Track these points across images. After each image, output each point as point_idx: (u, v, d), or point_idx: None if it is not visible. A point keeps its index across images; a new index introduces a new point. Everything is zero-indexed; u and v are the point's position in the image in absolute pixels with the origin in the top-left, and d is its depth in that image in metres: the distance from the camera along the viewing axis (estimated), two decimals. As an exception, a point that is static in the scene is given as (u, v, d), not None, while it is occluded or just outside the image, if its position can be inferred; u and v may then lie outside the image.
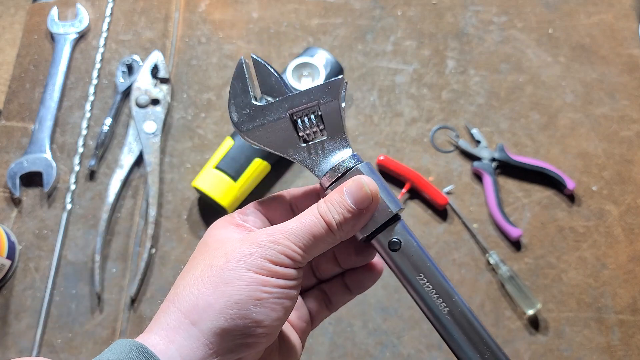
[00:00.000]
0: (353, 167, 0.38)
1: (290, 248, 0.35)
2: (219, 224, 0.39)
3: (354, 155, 0.39)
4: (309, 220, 0.36)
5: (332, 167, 0.38)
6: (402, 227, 0.38)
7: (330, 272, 0.42)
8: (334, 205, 0.36)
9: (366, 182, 0.37)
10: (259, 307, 0.33)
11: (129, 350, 0.32)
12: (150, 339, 0.33)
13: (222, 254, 0.35)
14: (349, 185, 0.37)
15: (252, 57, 0.40)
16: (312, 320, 0.43)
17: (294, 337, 0.41)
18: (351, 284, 0.42)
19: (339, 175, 0.38)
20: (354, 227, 0.37)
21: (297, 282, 0.36)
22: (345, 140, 0.39)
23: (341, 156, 0.39)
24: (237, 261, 0.34)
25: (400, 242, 0.38)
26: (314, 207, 0.37)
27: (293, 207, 0.41)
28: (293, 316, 0.41)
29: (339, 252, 0.41)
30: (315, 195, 0.41)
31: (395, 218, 0.38)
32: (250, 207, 0.40)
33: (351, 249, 0.41)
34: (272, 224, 0.40)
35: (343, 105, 0.39)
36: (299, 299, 0.42)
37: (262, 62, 0.40)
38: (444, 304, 0.37)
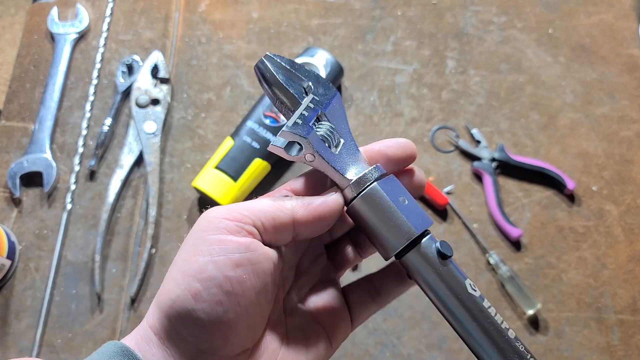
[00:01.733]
0: (379, 177, 0.35)
1: (240, 212, 0.33)
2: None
3: (377, 167, 0.36)
4: (270, 200, 0.35)
5: (359, 178, 0.35)
6: (434, 240, 0.35)
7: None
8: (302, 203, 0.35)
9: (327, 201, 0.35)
10: (200, 303, 0.31)
11: (114, 353, 0.32)
12: (126, 342, 0.33)
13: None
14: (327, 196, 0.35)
15: (268, 55, 0.38)
16: (354, 319, 0.39)
17: (314, 339, 0.37)
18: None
19: (381, 175, 0.36)
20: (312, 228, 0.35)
21: (255, 261, 0.32)
22: (359, 152, 0.37)
23: (363, 168, 0.36)
24: (186, 248, 0.33)
25: (451, 250, 0.34)
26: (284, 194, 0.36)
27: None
28: (324, 316, 0.37)
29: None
30: (318, 181, 0.38)
31: (426, 234, 0.35)
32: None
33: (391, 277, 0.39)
34: None
35: (342, 111, 0.38)
36: (338, 293, 0.38)
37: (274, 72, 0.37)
38: (483, 314, 0.34)
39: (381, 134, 0.82)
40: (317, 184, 0.37)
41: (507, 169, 0.79)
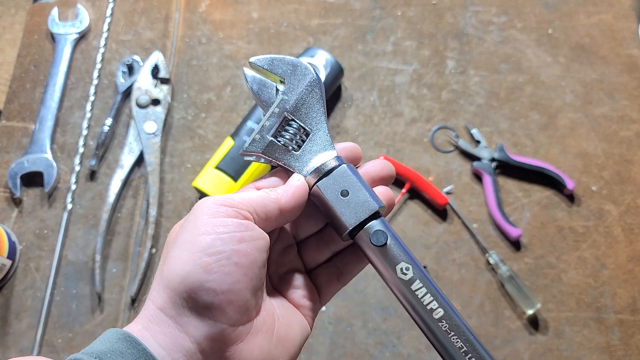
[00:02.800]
0: (334, 168, 0.40)
1: (234, 199, 0.37)
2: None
3: (337, 158, 0.40)
4: (258, 192, 0.39)
5: (315, 169, 0.40)
6: (383, 224, 0.39)
7: (342, 244, 0.43)
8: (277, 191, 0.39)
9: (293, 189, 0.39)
10: (210, 274, 0.34)
11: (116, 340, 0.33)
12: (131, 328, 0.35)
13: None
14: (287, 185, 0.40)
15: (251, 62, 0.42)
16: (322, 297, 0.43)
17: (296, 317, 0.40)
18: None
19: (322, 175, 0.40)
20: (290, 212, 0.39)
21: (249, 233, 0.36)
22: (328, 140, 0.41)
23: (325, 158, 0.40)
24: (186, 230, 0.37)
25: (387, 236, 0.38)
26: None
27: None
28: (297, 295, 0.41)
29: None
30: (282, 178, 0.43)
31: (376, 216, 0.39)
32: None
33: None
34: None
35: (319, 95, 0.41)
36: (304, 278, 0.42)
37: (260, 68, 0.42)
38: (434, 302, 0.38)
39: (381, 134, 0.82)
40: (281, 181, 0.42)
41: (507, 169, 0.79)
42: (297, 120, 0.41)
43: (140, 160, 0.80)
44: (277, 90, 0.42)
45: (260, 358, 0.36)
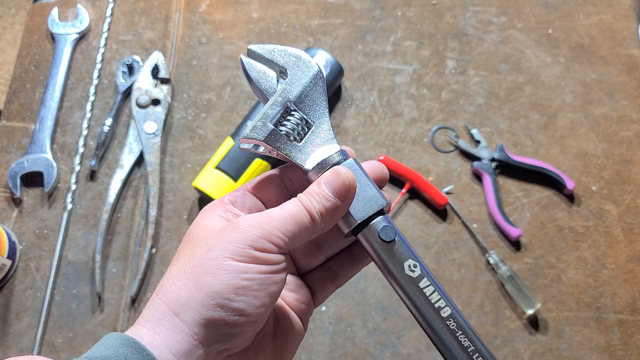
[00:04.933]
0: (339, 162, 0.39)
1: (273, 233, 0.34)
2: (205, 211, 0.39)
3: (341, 152, 0.39)
4: (292, 208, 0.36)
5: (319, 163, 0.38)
6: (388, 221, 0.38)
7: (335, 248, 0.43)
8: (313, 196, 0.36)
9: (343, 172, 0.37)
10: (240, 296, 0.33)
11: (120, 345, 0.32)
12: (137, 331, 0.34)
13: (204, 244, 0.35)
14: (327, 175, 0.37)
15: (250, 49, 0.41)
16: (315, 299, 0.42)
17: (291, 319, 0.40)
18: (358, 253, 0.42)
19: (331, 165, 0.38)
20: (334, 216, 0.37)
21: (281, 267, 0.35)
22: (331, 134, 0.40)
23: (328, 152, 0.39)
24: (218, 250, 0.34)
25: (395, 232, 0.37)
26: (295, 198, 0.37)
27: (286, 184, 0.41)
28: (291, 298, 0.41)
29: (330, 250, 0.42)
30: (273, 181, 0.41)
31: (381, 213, 0.38)
32: (241, 189, 0.40)
33: (344, 254, 0.42)
34: (266, 206, 0.40)
35: (322, 89, 0.40)
36: (298, 280, 0.42)
37: (258, 55, 0.41)
38: (440, 301, 0.37)
39: (381, 134, 0.82)
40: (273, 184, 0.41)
41: (507, 169, 0.79)
42: (300, 111, 0.40)
43: (140, 160, 0.80)
44: (278, 79, 0.40)
45: None
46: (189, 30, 0.89)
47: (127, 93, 0.84)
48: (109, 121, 0.81)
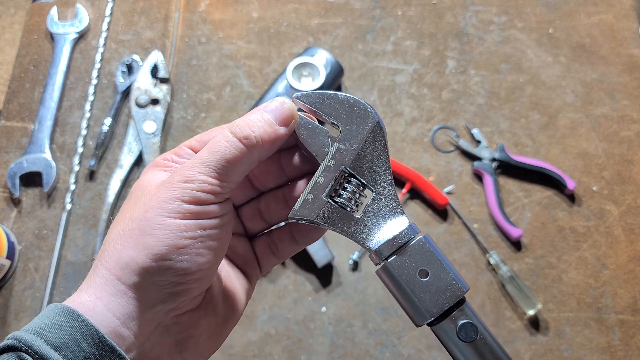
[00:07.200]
0: (408, 242, 0.33)
1: (206, 182, 0.33)
2: (147, 168, 0.39)
3: (410, 226, 0.34)
4: (220, 145, 0.34)
5: (386, 242, 0.33)
6: (471, 311, 0.33)
7: (278, 217, 0.41)
8: (253, 121, 0.35)
9: (286, 100, 0.35)
10: (183, 255, 0.32)
11: (56, 314, 0.32)
12: (79, 297, 0.34)
13: (141, 204, 0.34)
14: (268, 104, 0.35)
15: (295, 98, 0.36)
16: (261, 266, 0.41)
17: (238, 276, 0.40)
18: (298, 235, 0.40)
19: (400, 246, 0.33)
20: (273, 145, 0.35)
21: (221, 220, 0.34)
22: (396, 201, 0.34)
23: (395, 227, 0.34)
24: (154, 210, 0.33)
25: (477, 330, 0.32)
26: (224, 129, 0.35)
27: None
28: (239, 260, 0.40)
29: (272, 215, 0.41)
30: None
31: (460, 303, 0.33)
32: (186, 143, 0.39)
33: (287, 234, 0.41)
34: None
35: (383, 146, 0.34)
36: (246, 241, 0.41)
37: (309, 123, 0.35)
38: None
39: (381, 134, 0.82)
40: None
41: (508, 169, 0.79)
42: (357, 176, 0.34)
43: (139, 160, 0.80)
44: (330, 137, 0.35)
45: (211, 319, 0.36)
46: (189, 30, 0.89)
47: (127, 93, 0.84)
48: (108, 121, 0.81)
